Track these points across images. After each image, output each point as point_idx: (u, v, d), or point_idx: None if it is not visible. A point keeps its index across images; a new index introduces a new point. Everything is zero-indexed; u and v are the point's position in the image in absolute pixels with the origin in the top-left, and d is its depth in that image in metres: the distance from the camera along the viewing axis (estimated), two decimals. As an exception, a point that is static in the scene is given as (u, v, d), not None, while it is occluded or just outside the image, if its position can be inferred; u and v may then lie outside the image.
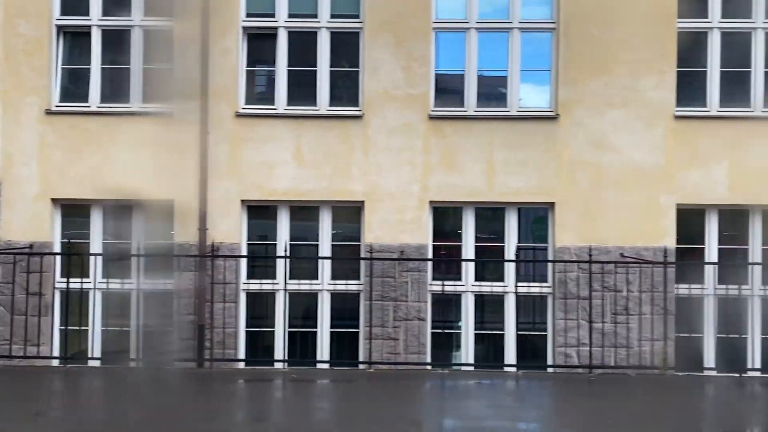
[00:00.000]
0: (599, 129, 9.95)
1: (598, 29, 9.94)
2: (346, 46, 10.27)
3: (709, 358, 9.97)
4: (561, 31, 9.99)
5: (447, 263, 10.28)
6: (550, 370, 9.95)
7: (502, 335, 10.07)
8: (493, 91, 10.22)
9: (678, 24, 10.00)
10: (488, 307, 10.12)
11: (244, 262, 10.15)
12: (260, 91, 10.43)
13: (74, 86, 10.41)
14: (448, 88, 10.24)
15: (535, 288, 10.11)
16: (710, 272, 10.02)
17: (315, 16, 10.20)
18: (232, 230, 10.06)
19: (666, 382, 9.32)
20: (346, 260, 10.20)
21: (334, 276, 10.16)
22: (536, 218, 10.34)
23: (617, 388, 8.97)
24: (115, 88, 10.28)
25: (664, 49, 9.94)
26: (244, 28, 10.24)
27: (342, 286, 10.15)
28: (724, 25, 10.05)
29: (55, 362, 9.94)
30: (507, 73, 10.13)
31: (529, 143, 10.00)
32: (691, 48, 10.19)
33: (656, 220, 9.90)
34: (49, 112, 10.12)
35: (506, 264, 10.07)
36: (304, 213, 10.28)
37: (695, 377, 9.54)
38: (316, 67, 10.19)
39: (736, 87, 10.14)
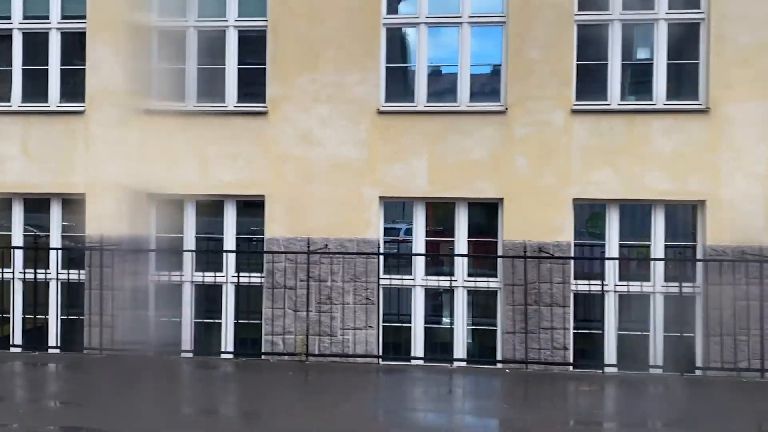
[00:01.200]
0: (306, 124, 10.20)
1: (305, 26, 10.17)
2: (76, 46, 10.71)
3: (417, 347, 10.20)
4: (270, 28, 10.27)
5: (170, 254, 10.66)
6: (264, 357, 10.26)
7: (220, 324, 10.43)
8: (212, 87, 10.51)
9: (384, 20, 10.18)
10: (209, 297, 10.44)
11: (-17, 252, 10.70)
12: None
13: None
14: (168, 84, 10.56)
15: (253, 278, 10.42)
16: (418, 263, 10.23)
17: (47, 17, 10.67)
18: (-36, 221, 10.63)
19: (296, 367, 9.58)
20: (73, 250, 10.67)
21: (64, 266, 10.62)
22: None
23: (244, 374, 9.46)
24: None
25: (369, 45, 10.13)
26: (-20, 30, 10.79)
27: (74, 276, 10.60)
28: (431, 20, 10.18)
29: None
30: (225, 70, 10.46)
31: (241, 138, 10.31)
32: (399, 44, 10.39)
33: (360, 213, 10.12)
34: None
35: (225, 255, 10.43)
36: (36, 205, 10.76)
37: (333, 363, 9.82)
38: (47, 65, 10.68)
39: (444, 82, 10.29)
